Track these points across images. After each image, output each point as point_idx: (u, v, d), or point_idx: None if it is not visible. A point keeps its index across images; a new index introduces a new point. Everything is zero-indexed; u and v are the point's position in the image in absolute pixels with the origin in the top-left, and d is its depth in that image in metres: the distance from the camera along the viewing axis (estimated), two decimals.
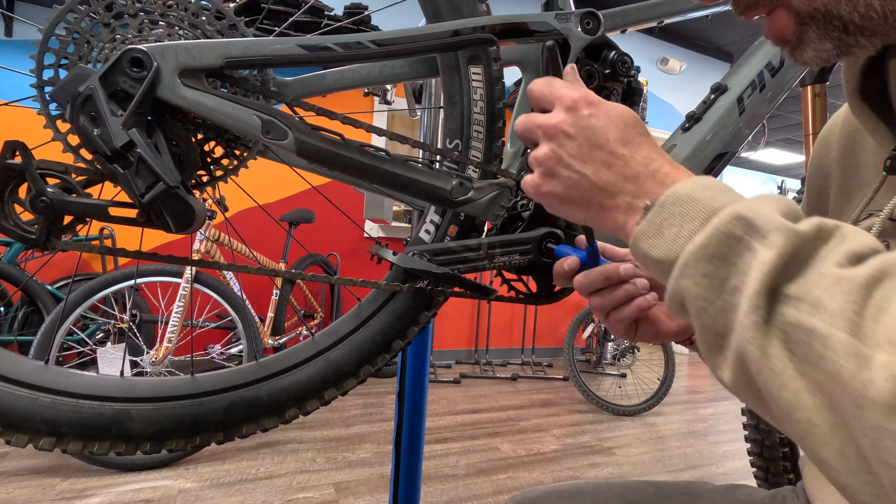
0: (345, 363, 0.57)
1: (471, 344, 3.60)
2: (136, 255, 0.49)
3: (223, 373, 0.56)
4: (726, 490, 0.58)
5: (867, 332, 0.22)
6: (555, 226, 0.58)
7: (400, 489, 1.04)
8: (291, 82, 0.58)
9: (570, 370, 2.67)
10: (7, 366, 0.49)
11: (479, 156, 0.58)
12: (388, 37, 0.50)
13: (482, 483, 1.73)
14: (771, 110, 0.67)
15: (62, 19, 0.46)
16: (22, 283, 2.14)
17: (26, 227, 0.44)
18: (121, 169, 0.44)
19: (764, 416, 0.28)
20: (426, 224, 0.60)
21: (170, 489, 1.54)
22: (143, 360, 1.75)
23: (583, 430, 2.35)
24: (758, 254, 0.26)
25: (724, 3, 0.65)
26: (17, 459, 1.68)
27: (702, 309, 0.28)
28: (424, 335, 1.04)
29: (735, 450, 2.22)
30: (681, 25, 4.17)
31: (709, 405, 2.92)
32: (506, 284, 0.61)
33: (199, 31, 0.50)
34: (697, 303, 0.28)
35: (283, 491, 1.57)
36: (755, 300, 0.25)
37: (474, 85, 0.57)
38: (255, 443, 1.92)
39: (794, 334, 0.24)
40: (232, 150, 0.55)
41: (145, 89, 0.44)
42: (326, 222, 3.09)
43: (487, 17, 0.54)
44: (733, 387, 0.28)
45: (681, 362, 4.19)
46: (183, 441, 0.53)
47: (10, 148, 0.43)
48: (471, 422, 2.34)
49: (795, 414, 0.24)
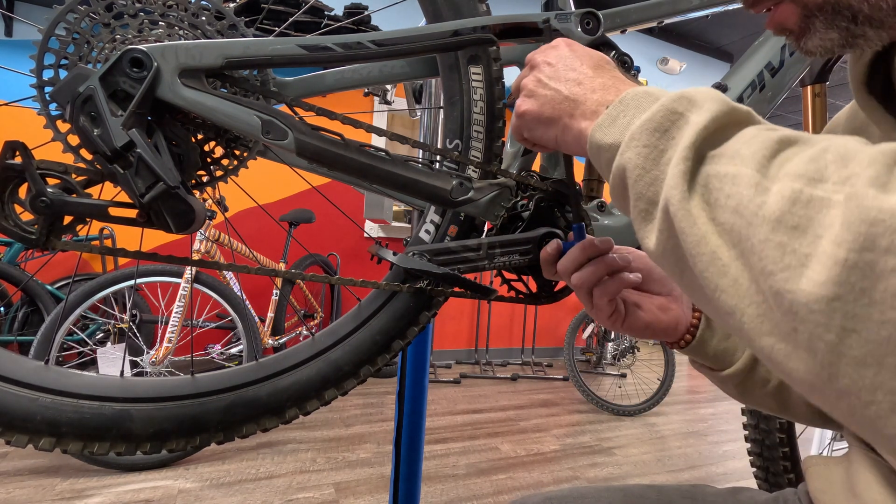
0: (345, 363, 0.57)
1: (471, 344, 3.60)
2: (136, 255, 0.49)
3: (223, 373, 0.56)
4: (728, 493, 0.57)
5: (772, 171, 0.24)
6: (555, 225, 0.58)
7: (400, 489, 1.04)
8: (291, 82, 0.58)
9: (570, 370, 2.67)
10: (7, 366, 0.49)
11: (479, 156, 0.58)
12: (388, 37, 0.50)
13: (482, 483, 1.73)
14: (771, 110, 0.67)
15: (62, 19, 0.46)
16: (22, 283, 2.14)
17: (26, 227, 0.44)
18: (121, 169, 0.44)
19: (686, 289, 0.29)
20: (426, 224, 0.60)
21: (170, 489, 1.54)
22: (143, 360, 1.75)
23: (583, 431, 2.35)
24: (691, 122, 0.29)
25: (729, 4, 0.65)
26: (17, 459, 1.68)
27: (638, 177, 0.30)
28: (424, 335, 1.04)
29: (735, 450, 2.22)
30: (681, 25, 4.17)
31: (709, 405, 2.92)
32: (506, 284, 0.61)
33: (198, 32, 0.50)
34: (635, 171, 0.30)
35: (283, 491, 1.57)
36: (683, 153, 0.28)
37: (474, 85, 0.57)
38: (255, 443, 1.92)
39: (711, 183, 0.26)
40: (232, 150, 0.55)
41: (145, 89, 0.44)
42: (326, 222, 3.09)
43: (487, 17, 0.54)
44: (657, 251, 0.30)
45: (681, 362, 4.19)
46: (183, 441, 0.53)
47: (10, 148, 0.43)
48: (471, 422, 2.34)
49: (704, 260, 0.26)
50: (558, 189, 0.58)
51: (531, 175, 0.61)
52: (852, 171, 0.21)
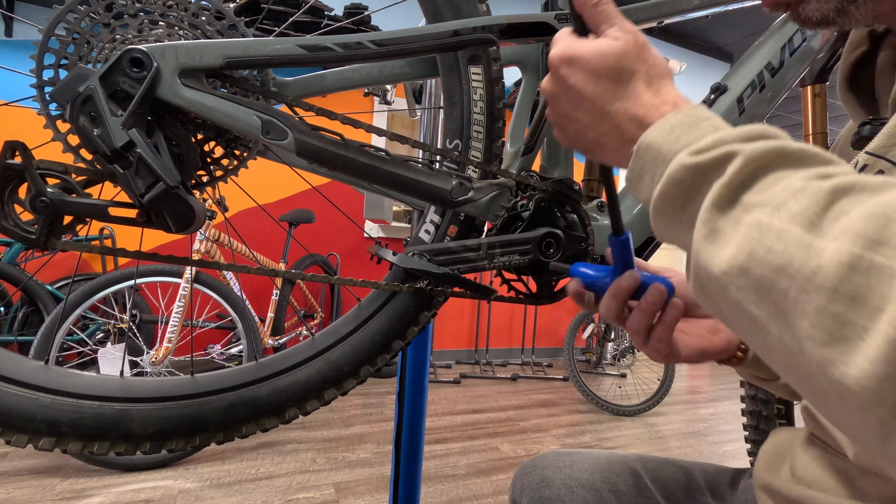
0: (345, 363, 0.57)
1: (471, 344, 3.60)
2: (136, 255, 0.49)
3: (223, 373, 0.56)
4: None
5: (825, 228, 0.22)
6: (555, 226, 0.58)
7: (400, 489, 1.04)
8: (291, 82, 0.58)
9: (570, 370, 2.67)
10: (7, 366, 0.49)
11: (479, 156, 0.58)
12: (388, 37, 0.50)
13: (482, 483, 1.73)
14: (771, 110, 0.67)
15: (62, 19, 0.46)
16: (22, 283, 2.14)
17: (26, 227, 0.44)
18: (121, 169, 0.44)
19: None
20: (426, 224, 0.60)
21: (170, 489, 1.54)
22: (143, 360, 1.74)
23: (583, 431, 2.35)
24: (708, 189, 0.28)
25: (729, 4, 0.65)
26: (17, 459, 1.68)
27: (670, 240, 0.32)
28: (424, 335, 1.04)
29: (735, 450, 2.22)
30: (681, 25, 4.17)
31: (709, 405, 2.92)
32: (506, 284, 0.61)
33: (198, 32, 0.50)
34: (669, 241, 0.32)
35: (283, 491, 1.57)
36: (702, 216, 0.27)
37: (474, 85, 0.57)
38: (255, 443, 1.92)
39: (749, 232, 0.25)
40: (232, 150, 0.55)
41: (145, 89, 0.44)
42: (326, 222, 3.09)
43: (487, 17, 0.54)
44: (698, 297, 0.29)
45: None
46: (183, 441, 0.53)
47: (10, 148, 0.43)
48: (471, 422, 2.34)
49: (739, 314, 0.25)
50: (558, 189, 0.58)
51: (531, 175, 0.61)
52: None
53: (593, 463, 0.58)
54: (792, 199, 0.24)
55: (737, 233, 0.25)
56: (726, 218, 0.26)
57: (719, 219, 0.27)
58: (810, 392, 0.23)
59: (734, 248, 0.25)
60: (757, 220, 0.25)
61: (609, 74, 0.35)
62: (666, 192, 0.30)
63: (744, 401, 1.30)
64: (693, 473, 0.58)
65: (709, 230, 0.27)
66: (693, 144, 0.29)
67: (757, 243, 0.24)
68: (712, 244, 0.26)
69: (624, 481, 0.56)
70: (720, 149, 0.28)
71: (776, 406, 1.19)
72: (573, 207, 0.59)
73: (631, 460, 0.59)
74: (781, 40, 0.66)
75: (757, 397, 1.25)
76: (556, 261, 0.56)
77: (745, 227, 0.25)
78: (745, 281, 0.24)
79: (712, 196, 0.27)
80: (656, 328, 0.43)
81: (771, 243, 0.23)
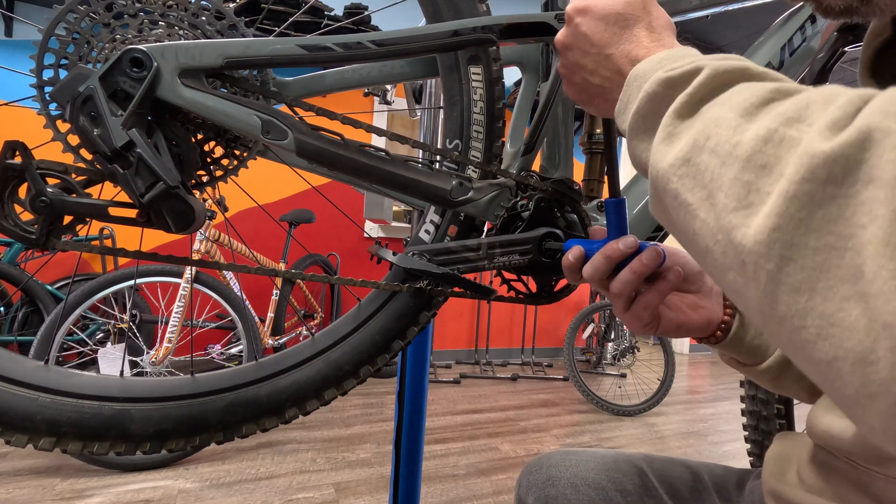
0: (344, 363, 0.57)
1: (471, 344, 3.60)
2: (136, 255, 0.49)
3: (223, 373, 0.56)
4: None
5: (757, 116, 0.24)
6: (554, 226, 0.58)
7: (400, 489, 1.04)
8: (291, 82, 0.58)
9: (570, 370, 2.67)
10: (7, 366, 0.49)
11: (478, 156, 0.58)
12: (388, 37, 0.50)
13: (482, 483, 1.73)
14: None
15: (62, 19, 0.46)
16: (22, 283, 2.14)
17: (26, 227, 0.44)
18: (121, 169, 0.44)
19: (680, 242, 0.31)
20: (426, 224, 0.60)
21: (170, 489, 1.54)
22: (143, 360, 1.74)
23: (583, 431, 2.35)
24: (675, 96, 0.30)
25: (729, 4, 0.65)
26: (17, 459, 1.68)
27: (644, 163, 0.32)
28: (424, 335, 1.04)
29: (735, 450, 2.22)
30: (681, 25, 4.16)
31: (709, 405, 2.92)
32: (506, 284, 0.61)
33: (198, 32, 0.50)
34: (643, 165, 0.32)
35: (283, 491, 1.57)
36: (664, 122, 0.29)
37: (474, 85, 0.57)
38: (255, 443, 1.92)
39: (698, 128, 0.27)
40: (232, 150, 0.55)
41: (145, 89, 0.44)
42: (326, 222, 3.09)
43: (487, 17, 0.54)
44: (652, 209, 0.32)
45: (681, 362, 4.19)
46: (183, 441, 0.53)
47: (10, 148, 0.43)
48: (471, 422, 2.33)
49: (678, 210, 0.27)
50: (558, 189, 0.58)
51: (531, 175, 0.61)
52: (825, 111, 0.21)
53: (599, 462, 0.58)
54: (738, 95, 0.26)
55: (689, 132, 0.28)
56: (685, 125, 0.28)
57: (679, 125, 0.29)
58: (721, 269, 0.25)
59: (681, 144, 0.28)
60: (707, 117, 0.27)
61: (616, 20, 0.38)
62: (640, 109, 0.32)
63: (744, 401, 1.29)
64: (700, 474, 0.58)
65: (667, 134, 0.29)
66: (671, 66, 0.31)
67: (700, 134, 0.26)
68: (667, 146, 0.29)
69: (630, 480, 0.56)
70: (691, 64, 0.30)
71: (776, 406, 1.19)
72: (573, 207, 0.59)
73: (637, 459, 0.59)
74: (781, 40, 0.66)
75: (757, 397, 1.25)
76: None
77: (697, 125, 0.27)
78: (686, 170, 0.27)
79: (676, 105, 0.29)
80: (647, 294, 0.43)
81: (710, 131, 0.26)
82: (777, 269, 0.21)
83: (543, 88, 0.61)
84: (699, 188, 0.26)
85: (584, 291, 3.94)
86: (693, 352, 4.62)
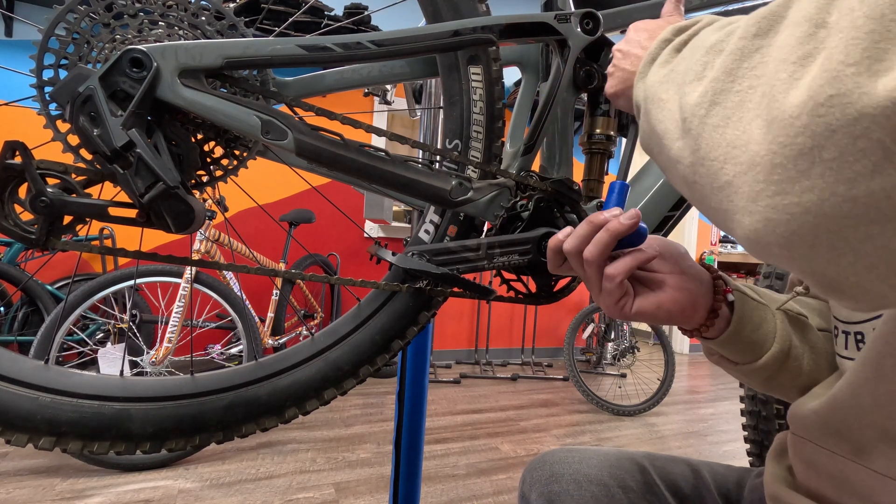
0: (344, 363, 0.57)
1: (471, 344, 3.60)
2: (136, 255, 0.49)
3: (223, 372, 0.56)
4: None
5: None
6: (554, 226, 0.58)
7: (400, 489, 1.04)
8: (291, 82, 0.58)
9: (570, 370, 2.67)
10: (7, 365, 0.49)
11: (478, 156, 0.58)
12: (388, 37, 0.50)
13: (482, 483, 1.73)
14: None
15: (62, 19, 0.46)
16: (22, 283, 2.14)
17: (26, 227, 0.44)
18: (120, 169, 0.44)
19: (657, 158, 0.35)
20: (426, 224, 0.60)
21: (170, 489, 1.54)
22: (143, 360, 1.75)
23: (583, 431, 2.35)
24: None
25: (729, 4, 0.65)
26: (17, 459, 1.68)
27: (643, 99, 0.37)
28: (424, 335, 1.04)
29: (735, 450, 2.22)
30: None
31: (709, 405, 2.92)
32: (505, 284, 0.61)
33: (198, 32, 0.50)
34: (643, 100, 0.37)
35: (283, 491, 1.57)
36: (662, 56, 0.35)
37: (474, 85, 0.57)
38: (255, 443, 1.92)
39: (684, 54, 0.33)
40: (231, 150, 0.55)
41: (145, 89, 0.44)
42: (326, 222, 3.09)
43: (487, 17, 0.54)
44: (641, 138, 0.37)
45: (681, 362, 4.19)
46: (182, 441, 0.53)
47: (10, 148, 0.43)
48: (471, 422, 2.34)
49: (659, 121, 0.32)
50: (558, 189, 0.59)
51: (530, 175, 0.61)
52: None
53: (602, 459, 0.58)
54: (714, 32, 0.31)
55: (676, 59, 0.33)
56: (679, 55, 0.34)
57: (673, 55, 0.34)
58: (671, 140, 0.30)
59: (668, 67, 0.33)
60: (691, 45, 0.32)
61: (651, 30, 0.47)
62: (653, 51, 0.37)
63: (743, 401, 1.29)
64: (701, 472, 0.58)
65: (663, 61, 0.34)
66: (680, 23, 0.37)
67: (681, 57, 0.32)
68: (660, 68, 0.34)
69: (632, 477, 0.56)
70: (693, 20, 0.36)
71: (775, 406, 1.19)
72: (573, 208, 0.59)
73: (639, 457, 0.59)
74: None
75: (756, 397, 1.25)
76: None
77: (684, 54, 0.33)
78: (667, 77, 0.32)
79: (675, 42, 0.35)
80: (616, 263, 0.42)
81: (688, 52, 0.31)
82: (706, 113, 0.25)
83: (543, 88, 0.61)
84: (672, 85, 0.31)
85: (584, 291, 3.94)
86: (693, 352, 4.62)
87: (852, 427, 0.39)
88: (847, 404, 0.39)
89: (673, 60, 0.33)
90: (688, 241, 4.62)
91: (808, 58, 0.20)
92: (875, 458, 0.37)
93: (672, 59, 0.34)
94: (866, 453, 0.37)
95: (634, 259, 0.42)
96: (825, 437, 0.41)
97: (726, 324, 0.47)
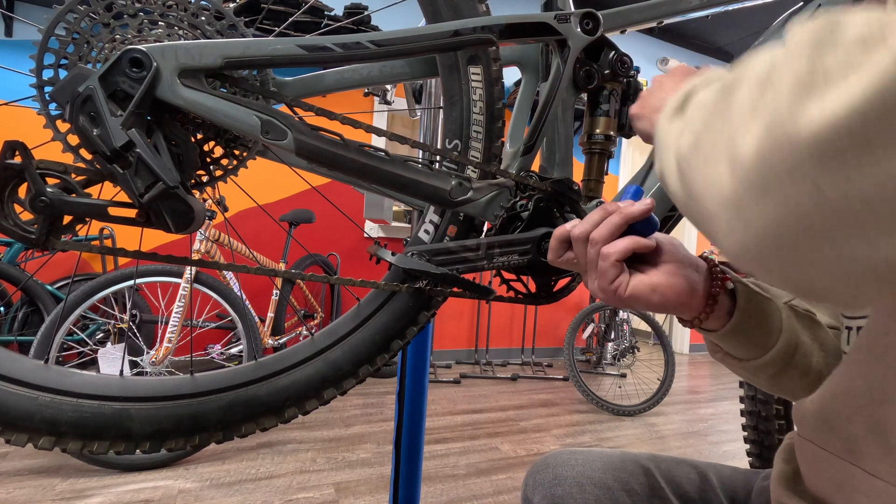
0: (344, 363, 0.57)
1: (471, 344, 3.60)
2: (136, 255, 0.49)
3: (222, 372, 0.56)
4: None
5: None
6: (554, 226, 0.58)
7: (400, 489, 1.04)
8: (291, 82, 0.58)
9: (570, 370, 2.67)
10: (7, 365, 0.49)
11: (478, 156, 0.58)
12: (388, 37, 0.50)
13: (482, 483, 1.73)
14: None
15: (62, 19, 0.46)
16: (22, 283, 2.14)
17: (26, 227, 0.44)
18: (120, 169, 0.44)
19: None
20: (425, 224, 0.60)
21: (170, 489, 1.54)
22: (143, 360, 1.75)
23: (583, 431, 2.35)
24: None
25: (729, 4, 0.65)
26: (17, 459, 1.68)
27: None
28: (424, 335, 1.04)
29: (735, 450, 2.22)
30: (681, 25, 4.17)
31: (709, 405, 2.92)
32: (505, 284, 0.61)
33: (198, 32, 0.50)
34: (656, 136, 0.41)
35: (283, 491, 1.57)
36: (667, 110, 0.38)
37: (474, 85, 0.57)
38: (255, 443, 1.92)
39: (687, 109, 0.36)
40: (231, 150, 0.55)
41: (145, 89, 0.44)
42: (326, 222, 3.09)
43: (487, 17, 0.54)
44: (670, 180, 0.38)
45: (681, 362, 4.19)
46: (182, 440, 0.53)
47: (10, 148, 0.43)
48: (471, 422, 2.34)
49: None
50: (557, 189, 0.59)
51: (530, 175, 0.61)
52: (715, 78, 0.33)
53: (606, 461, 0.58)
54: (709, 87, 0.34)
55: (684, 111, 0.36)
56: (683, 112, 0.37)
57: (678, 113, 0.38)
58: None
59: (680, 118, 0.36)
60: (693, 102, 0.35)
61: (670, 87, 0.51)
62: (667, 110, 0.40)
63: (743, 401, 1.30)
64: (707, 474, 0.57)
65: (674, 112, 0.37)
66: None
67: (689, 109, 0.35)
68: (667, 122, 0.37)
69: (636, 480, 0.56)
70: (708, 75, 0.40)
71: (775, 406, 1.19)
72: (572, 208, 0.59)
73: (644, 459, 0.58)
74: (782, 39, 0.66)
75: (756, 397, 1.25)
76: None
77: (689, 107, 0.35)
78: (681, 124, 0.35)
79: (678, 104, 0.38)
80: (614, 242, 0.43)
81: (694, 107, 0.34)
82: (692, 158, 0.30)
83: (543, 88, 0.61)
84: (671, 136, 0.35)
85: (584, 292, 3.94)
86: (693, 352, 4.62)
87: (843, 416, 0.38)
88: (841, 390, 0.39)
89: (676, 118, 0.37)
90: (688, 241, 4.63)
91: (754, 110, 0.25)
92: (865, 456, 0.37)
93: (675, 117, 0.37)
94: (858, 452, 0.37)
95: (632, 241, 0.43)
96: (820, 431, 0.41)
97: (728, 316, 0.46)
